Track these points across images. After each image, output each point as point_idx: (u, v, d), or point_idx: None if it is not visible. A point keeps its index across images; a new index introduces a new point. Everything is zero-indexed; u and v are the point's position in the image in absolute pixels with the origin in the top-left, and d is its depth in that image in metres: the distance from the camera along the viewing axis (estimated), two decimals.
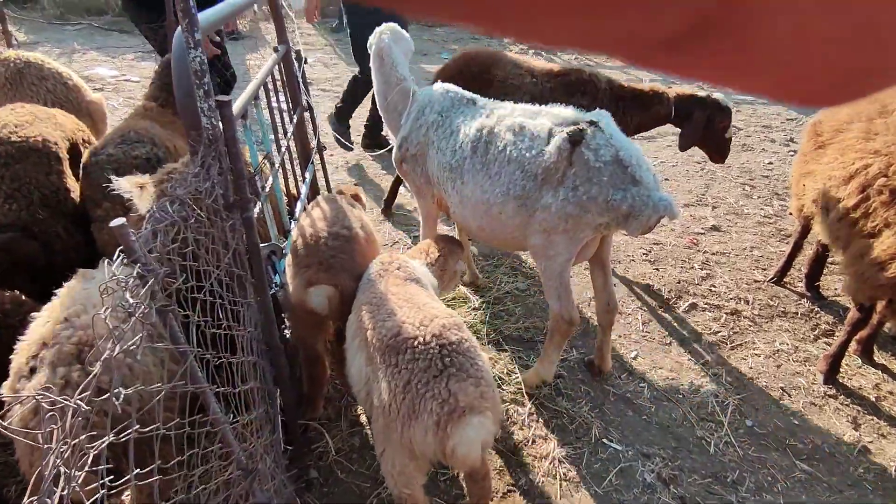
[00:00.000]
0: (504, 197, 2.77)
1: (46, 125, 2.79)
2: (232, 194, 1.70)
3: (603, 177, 2.55)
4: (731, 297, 4.07)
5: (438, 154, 3.07)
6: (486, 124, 2.88)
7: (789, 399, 3.20)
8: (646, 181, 2.58)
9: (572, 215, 2.63)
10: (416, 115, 3.23)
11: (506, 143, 2.77)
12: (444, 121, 3.08)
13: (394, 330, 1.97)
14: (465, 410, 1.79)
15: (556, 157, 2.62)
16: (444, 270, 2.74)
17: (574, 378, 3.33)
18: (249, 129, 2.39)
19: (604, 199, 2.56)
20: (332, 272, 2.42)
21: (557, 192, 2.64)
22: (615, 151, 2.58)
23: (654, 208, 2.54)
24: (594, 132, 2.63)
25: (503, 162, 2.77)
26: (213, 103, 1.54)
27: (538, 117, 2.80)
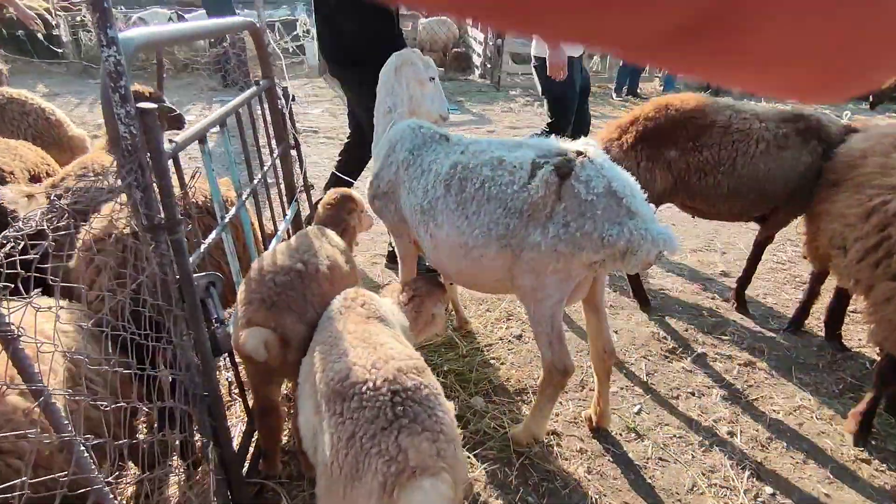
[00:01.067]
0: (485, 238, 2.52)
1: (4, 155, 2.68)
2: (157, 213, 1.51)
3: (596, 210, 2.32)
4: (745, 347, 3.73)
5: (410, 195, 2.85)
6: (460, 161, 2.66)
7: (815, 463, 2.81)
8: (642, 213, 2.34)
9: (564, 253, 2.38)
10: (386, 152, 3.04)
11: (483, 178, 2.54)
12: (414, 159, 2.86)
13: (342, 373, 1.71)
14: (417, 471, 1.50)
15: (543, 192, 2.38)
16: (419, 313, 2.48)
17: (569, 435, 2.98)
18: (208, 155, 2.23)
19: (599, 235, 2.31)
20: (274, 312, 2.11)
21: (546, 228, 2.39)
22: (607, 182, 2.35)
23: (653, 242, 2.27)
24: (583, 162, 2.41)
25: (481, 200, 2.52)
26: (132, 110, 1.38)
27: (518, 149, 2.59)
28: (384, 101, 3.31)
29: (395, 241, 3.28)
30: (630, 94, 12.65)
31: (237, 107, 2.68)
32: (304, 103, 10.89)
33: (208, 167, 2.24)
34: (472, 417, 3.04)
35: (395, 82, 3.29)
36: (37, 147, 3.06)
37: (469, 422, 3.01)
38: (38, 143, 3.43)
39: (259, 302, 2.10)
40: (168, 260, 1.58)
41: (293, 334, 2.13)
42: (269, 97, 3.46)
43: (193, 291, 1.68)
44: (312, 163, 7.46)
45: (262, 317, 2.07)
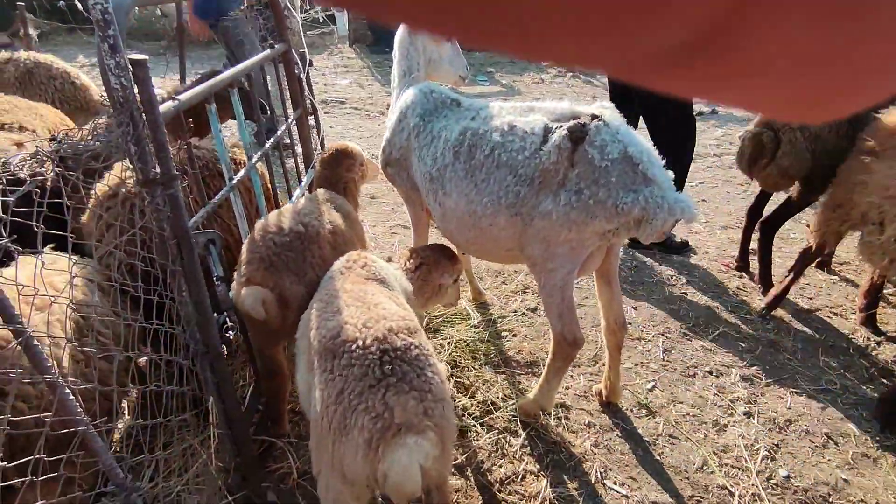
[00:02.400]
0: (494, 206, 2.45)
1: (26, 114, 2.76)
2: (152, 168, 1.52)
3: (611, 177, 2.22)
4: (770, 327, 3.57)
5: (420, 163, 2.79)
6: (470, 126, 2.57)
7: (836, 448, 2.69)
8: (659, 180, 2.23)
9: (576, 222, 2.29)
10: (398, 118, 2.97)
11: (493, 145, 2.45)
12: (425, 125, 2.79)
13: (334, 331, 1.71)
14: (402, 429, 1.49)
15: (555, 158, 2.29)
16: (426, 281, 2.45)
17: (578, 408, 2.94)
18: (215, 114, 2.23)
19: (612, 203, 2.21)
20: (273, 272, 2.12)
21: (558, 196, 2.30)
22: (623, 148, 2.24)
23: (669, 211, 2.17)
24: (598, 127, 2.29)
25: (491, 167, 2.45)
26: (122, 60, 1.38)
27: (531, 114, 2.48)
28: (400, 64, 3.24)
29: (408, 209, 3.25)
30: None
31: (249, 68, 2.67)
32: (332, 73, 10.86)
33: (215, 128, 2.24)
34: (480, 387, 3.03)
35: (409, 45, 3.21)
36: (56, 109, 3.15)
37: (477, 391, 3.00)
38: (65, 106, 3.52)
39: (258, 261, 2.11)
40: (164, 215, 1.59)
41: (292, 295, 2.14)
42: (285, 61, 3.45)
43: (191, 248, 1.70)
44: (337, 133, 7.47)
45: (260, 276, 2.09)
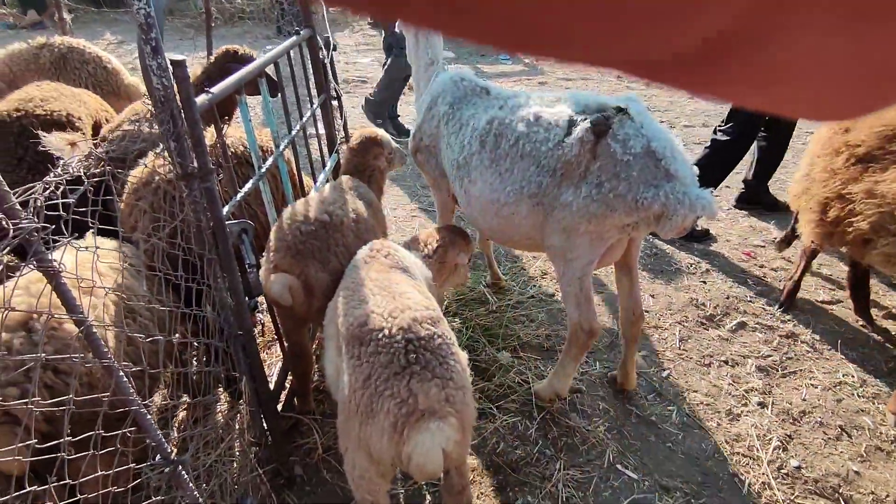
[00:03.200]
0: (517, 196, 2.50)
1: (71, 101, 2.86)
2: (190, 162, 1.60)
3: (632, 171, 2.24)
4: (789, 319, 3.57)
5: (448, 150, 2.84)
6: (497, 116, 2.62)
7: (849, 440, 2.72)
8: (682, 175, 2.24)
9: (596, 215, 2.32)
10: (428, 105, 3.02)
11: (518, 135, 2.49)
12: (454, 113, 2.84)
13: (361, 319, 1.79)
14: (425, 414, 1.58)
15: (577, 150, 2.32)
16: (444, 263, 2.53)
17: (593, 394, 3.01)
18: (245, 105, 2.30)
19: (633, 198, 2.24)
20: (299, 259, 2.20)
21: (579, 188, 2.34)
22: (646, 142, 2.26)
23: (690, 207, 2.19)
24: (622, 120, 2.31)
25: (515, 157, 2.49)
26: (163, 62, 1.44)
27: (556, 105, 2.51)
28: (423, 54, 3.24)
29: (434, 194, 3.31)
30: None
31: (276, 57, 2.72)
32: (354, 52, 10.83)
33: (245, 117, 2.31)
34: (497, 371, 3.12)
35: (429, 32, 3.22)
36: (95, 95, 3.24)
37: (494, 375, 3.08)
38: (97, 90, 3.62)
39: (285, 249, 2.21)
40: (201, 207, 1.68)
41: (316, 282, 2.23)
42: (310, 47, 3.48)
43: (226, 237, 1.79)
44: (359, 114, 7.49)
45: (287, 263, 2.18)
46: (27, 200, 1.01)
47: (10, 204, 0.96)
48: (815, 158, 3.21)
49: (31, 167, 2.73)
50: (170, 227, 1.57)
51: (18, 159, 2.72)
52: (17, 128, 2.71)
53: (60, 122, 2.80)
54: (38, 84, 2.96)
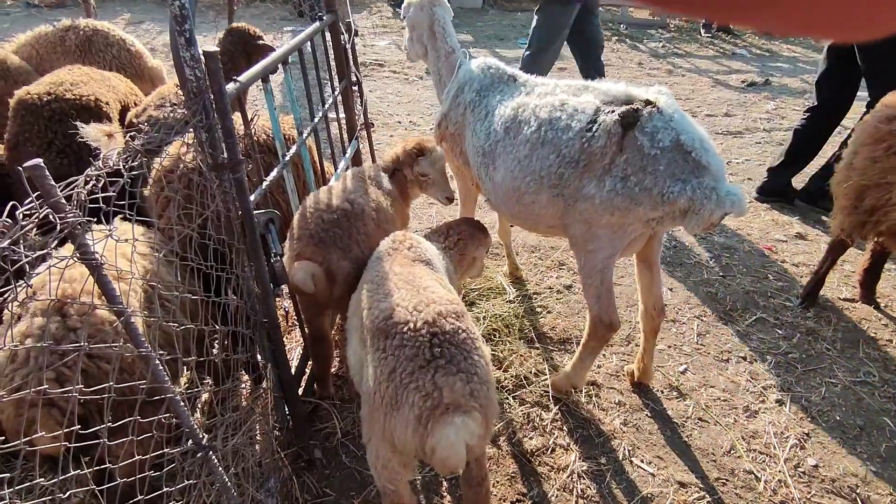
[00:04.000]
0: (536, 185, 2.47)
1: (100, 86, 2.90)
2: (221, 153, 1.61)
3: (659, 166, 2.19)
4: (810, 315, 3.54)
5: (473, 137, 2.83)
6: (524, 102, 2.59)
7: (868, 440, 2.70)
8: (712, 169, 2.19)
9: (620, 208, 2.29)
10: (455, 93, 3.00)
11: (541, 122, 2.45)
12: (480, 101, 2.83)
13: (386, 312, 1.81)
14: (450, 408, 1.60)
15: (604, 142, 2.27)
16: (463, 256, 2.54)
17: (609, 387, 3.02)
18: (270, 93, 2.30)
19: (659, 192, 2.20)
20: (322, 248, 2.24)
21: (603, 181, 2.30)
22: (675, 135, 2.20)
23: (717, 203, 2.14)
24: (651, 113, 2.26)
25: (536, 144, 2.45)
26: (197, 53, 1.45)
27: (584, 94, 2.46)
28: (441, 44, 3.20)
29: (458, 182, 3.31)
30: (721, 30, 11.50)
31: (299, 44, 2.71)
32: (371, 34, 10.73)
33: (270, 106, 2.31)
34: (514, 361, 3.13)
35: (446, 22, 3.19)
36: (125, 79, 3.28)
37: (511, 365, 3.10)
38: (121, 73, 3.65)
39: (308, 237, 2.24)
40: (231, 197, 1.70)
41: (338, 270, 2.27)
42: (333, 32, 3.46)
43: (254, 227, 1.81)
44: (377, 97, 7.46)
45: (310, 251, 2.22)
46: (71, 194, 1.03)
47: (56, 198, 0.98)
48: (858, 147, 3.16)
49: (60, 151, 2.78)
50: (199, 216, 1.59)
51: (48, 143, 2.77)
52: (48, 112, 2.75)
53: (89, 107, 2.83)
54: (70, 68, 3.00)
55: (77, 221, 1.00)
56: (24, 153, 2.82)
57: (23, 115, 2.78)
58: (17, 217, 0.91)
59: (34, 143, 2.75)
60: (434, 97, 7.65)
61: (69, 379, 1.47)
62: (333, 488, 2.47)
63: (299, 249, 2.29)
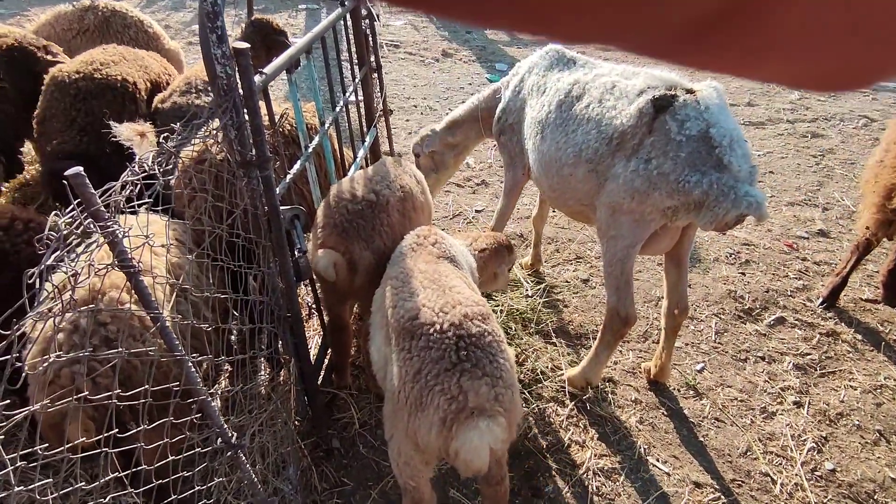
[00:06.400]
0: (575, 158, 2.54)
1: (131, 66, 2.93)
2: (249, 151, 1.59)
3: (681, 152, 2.19)
4: (830, 316, 3.49)
5: (531, 111, 2.92)
6: (580, 79, 2.67)
7: (887, 446, 2.69)
8: (735, 168, 2.16)
9: (639, 191, 2.30)
10: (516, 84, 3.11)
11: (591, 100, 2.54)
12: (540, 80, 2.93)
13: (412, 312, 1.80)
14: (475, 412, 1.60)
15: (634, 122, 2.30)
16: (484, 269, 2.54)
17: (626, 384, 3.01)
18: (295, 84, 2.27)
19: (675, 178, 2.20)
20: (345, 237, 2.26)
21: (629, 161, 2.33)
22: (705, 127, 2.19)
23: (734, 202, 2.11)
24: (686, 101, 2.25)
25: (582, 119, 2.54)
26: (228, 50, 1.42)
27: (635, 78, 2.49)
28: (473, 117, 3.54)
29: (507, 174, 3.31)
30: None
31: (322, 32, 2.66)
32: (387, 14, 10.55)
33: (294, 98, 2.28)
34: (530, 355, 3.14)
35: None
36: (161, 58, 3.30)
37: (527, 360, 3.11)
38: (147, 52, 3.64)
39: (332, 227, 2.26)
40: (258, 194, 1.68)
41: (360, 260, 2.29)
42: (354, 18, 3.40)
43: (280, 223, 1.80)
44: (392, 80, 7.37)
45: (333, 240, 2.24)
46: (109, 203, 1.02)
47: (97, 207, 0.97)
48: (890, 145, 3.09)
49: (82, 129, 2.82)
50: (227, 212, 1.58)
51: (72, 120, 2.84)
52: (74, 90, 2.82)
53: (115, 87, 2.87)
54: (105, 47, 3.08)
55: (117, 230, 1.00)
56: (50, 129, 2.87)
57: (52, 90, 2.88)
58: (60, 227, 0.91)
59: (59, 119, 2.82)
60: (450, 80, 7.55)
61: (101, 375, 1.48)
62: (351, 478, 2.51)
63: (323, 238, 2.31)
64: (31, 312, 0.98)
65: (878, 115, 6.48)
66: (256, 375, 1.76)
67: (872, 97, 7.06)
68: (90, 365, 1.46)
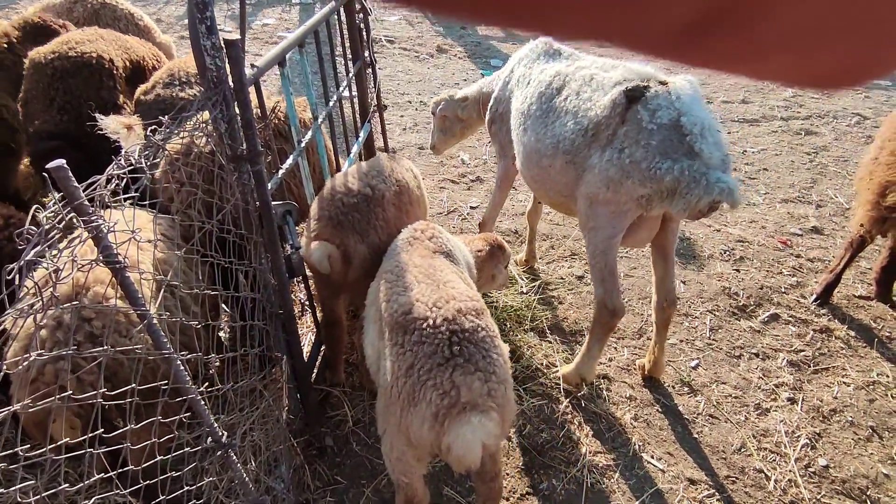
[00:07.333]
0: (554, 149, 2.57)
1: (108, 45, 2.90)
2: (240, 145, 1.56)
3: (652, 140, 2.23)
4: (824, 312, 3.50)
5: (516, 102, 2.96)
6: (562, 71, 2.71)
7: (880, 442, 2.70)
8: (706, 156, 2.18)
9: (613, 180, 2.33)
10: (506, 74, 3.16)
11: (570, 92, 2.57)
12: (527, 72, 2.97)
13: (405, 307, 1.78)
14: (467, 407, 1.59)
15: (608, 112, 2.35)
16: (483, 269, 2.53)
17: (620, 381, 3.01)
18: (287, 79, 2.24)
19: (647, 166, 2.22)
20: (339, 230, 2.26)
21: (604, 152, 2.37)
22: (676, 116, 2.22)
23: (706, 189, 2.12)
24: (658, 92, 2.29)
25: (561, 111, 2.57)
26: (218, 41, 1.39)
27: (613, 70, 2.52)
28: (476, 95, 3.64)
29: (498, 163, 3.37)
30: None
31: (315, 26, 2.63)
32: (380, 9, 10.48)
33: (287, 91, 2.25)
34: (525, 352, 3.12)
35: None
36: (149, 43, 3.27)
37: (521, 356, 3.09)
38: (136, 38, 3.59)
39: (327, 219, 2.25)
40: (249, 189, 1.65)
41: (355, 253, 2.28)
42: (348, 11, 3.36)
43: (272, 219, 1.77)
44: (387, 76, 7.33)
45: (328, 233, 2.23)
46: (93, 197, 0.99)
47: (80, 201, 0.94)
48: (884, 142, 3.10)
49: (62, 108, 2.81)
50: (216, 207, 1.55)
51: (51, 100, 2.82)
52: (50, 70, 2.80)
53: (90, 64, 2.85)
54: (84, 29, 3.05)
55: (101, 225, 0.97)
56: (32, 110, 2.86)
57: (31, 72, 2.86)
58: (41, 221, 0.88)
59: (39, 100, 2.81)
60: (445, 76, 7.51)
61: (86, 372, 1.45)
62: (344, 476, 2.49)
63: (318, 230, 2.30)
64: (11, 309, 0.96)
65: (870, 113, 6.51)
66: (248, 373, 1.73)
67: (865, 95, 7.08)
68: (74, 362, 1.43)
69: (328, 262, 2.25)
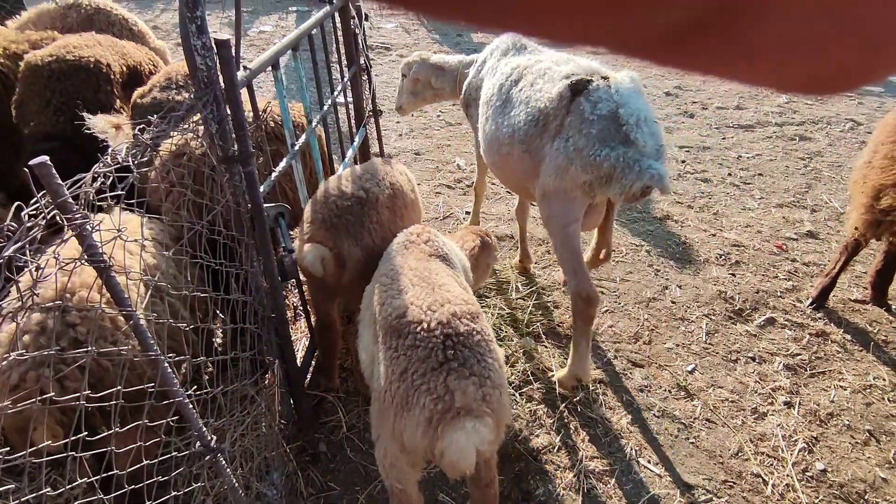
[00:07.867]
0: (510, 139, 2.70)
1: (105, 50, 2.91)
2: (231, 146, 1.55)
3: (592, 129, 2.40)
4: (820, 316, 3.50)
5: (483, 90, 3.09)
6: (522, 63, 2.84)
7: (877, 446, 2.68)
8: (640, 144, 2.36)
9: (560, 167, 2.49)
10: (479, 62, 3.29)
11: (525, 84, 2.71)
12: (496, 63, 3.10)
13: (399, 310, 1.77)
14: (461, 412, 1.57)
15: (555, 104, 2.52)
16: (478, 263, 2.54)
17: (616, 385, 2.99)
18: (281, 82, 2.23)
19: (587, 153, 2.39)
20: (333, 233, 2.25)
21: (554, 142, 2.52)
22: (615, 107, 2.40)
23: (638, 174, 2.31)
24: (599, 85, 2.47)
25: (516, 102, 2.71)
26: (209, 41, 1.38)
27: (566, 64, 2.67)
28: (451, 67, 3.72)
29: (476, 149, 3.48)
30: None
31: (309, 29, 2.63)
32: (377, 16, 10.53)
33: (280, 94, 2.24)
34: (521, 357, 3.11)
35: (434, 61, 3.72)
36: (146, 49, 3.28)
37: (518, 361, 3.08)
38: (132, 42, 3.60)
39: (320, 222, 2.24)
40: (241, 191, 1.64)
41: (349, 256, 2.27)
42: (343, 17, 3.37)
43: (264, 221, 1.76)
44: (383, 82, 7.34)
45: (321, 235, 2.22)
46: (78, 193, 0.98)
47: (64, 198, 0.93)
48: (878, 146, 3.12)
49: (57, 109, 2.81)
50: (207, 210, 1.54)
51: (46, 102, 2.82)
52: (47, 72, 2.81)
53: (87, 68, 2.86)
54: (82, 34, 3.06)
55: (85, 223, 0.95)
56: (27, 111, 2.85)
57: (27, 75, 2.87)
58: (23, 218, 0.86)
59: (34, 101, 2.81)
60: None
61: (70, 378, 1.43)
62: (338, 482, 2.46)
63: (311, 233, 2.29)
64: None
65: (863, 119, 6.54)
66: (239, 377, 1.71)
67: (858, 101, 7.13)
68: (58, 368, 1.41)
69: (321, 264, 2.23)
